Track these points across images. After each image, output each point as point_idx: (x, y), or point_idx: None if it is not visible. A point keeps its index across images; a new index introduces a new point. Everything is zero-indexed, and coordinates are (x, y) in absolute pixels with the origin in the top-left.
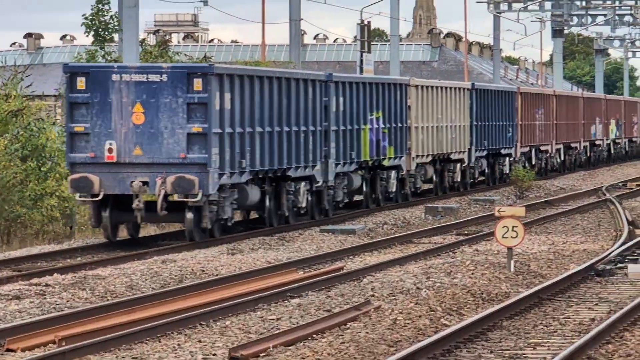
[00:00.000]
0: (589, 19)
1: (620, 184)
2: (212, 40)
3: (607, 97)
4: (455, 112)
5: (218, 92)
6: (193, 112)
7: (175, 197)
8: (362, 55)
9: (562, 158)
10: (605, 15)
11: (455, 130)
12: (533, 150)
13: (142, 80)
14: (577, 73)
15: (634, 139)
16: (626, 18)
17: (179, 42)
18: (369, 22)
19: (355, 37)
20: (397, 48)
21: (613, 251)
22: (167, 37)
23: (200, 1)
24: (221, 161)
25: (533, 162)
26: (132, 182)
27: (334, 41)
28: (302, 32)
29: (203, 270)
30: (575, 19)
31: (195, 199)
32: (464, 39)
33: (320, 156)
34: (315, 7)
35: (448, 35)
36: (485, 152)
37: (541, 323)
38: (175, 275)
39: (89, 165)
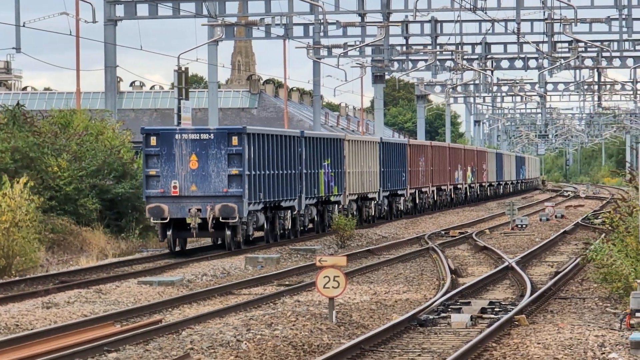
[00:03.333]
0: (410, 65)
1: (442, 232)
2: (25, 87)
3: (465, 147)
4: (371, 160)
5: (247, 146)
6: (232, 159)
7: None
8: (179, 103)
9: (435, 198)
10: (426, 60)
11: (371, 174)
12: (417, 192)
13: (196, 138)
14: (399, 119)
15: (483, 184)
16: (447, 63)
17: None
18: (186, 68)
19: (172, 84)
20: (216, 95)
21: (436, 300)
22: None
23: (13, 48)
24: (249, 194)
25: (416, 201)
26: (189, 209)
27: (151, 88)
28: (118, 79)
29: (17, 325)
30: (396, 65)
31: (234, 221)
32: (283, 86)
33: (297, 191)
34: (132, 53)
35: (267, 81)
36: (388, 193)
37: None
38: None
39: (160, 198)
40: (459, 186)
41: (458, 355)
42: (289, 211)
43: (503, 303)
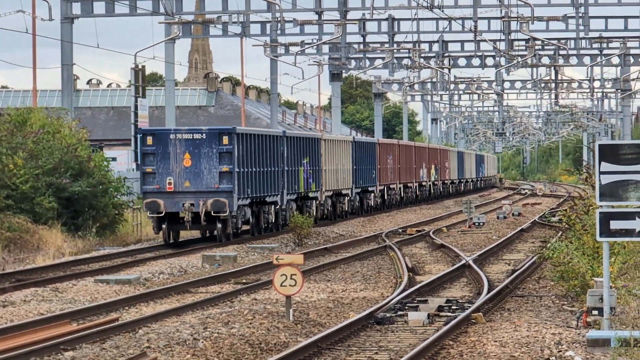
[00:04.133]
0: (367, 63)
1: (400, 230)
2: None
3: (430, 145)
4: (345, 158)
5: (237, 145)
6: (223, 157)
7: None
8: (136, 101)
9: (402, 195)
10: (383, 58)
11: (344, 172)
12: (385, 188)
13: (189, 137)
14: (357, 117)
15: (445, 181)
16: (404, 61)
17: None
18: (143, 66)
19: (130, 82)
20: (173, 93)
21: (393, 299)
22: None
23: None
24: (238, 190)
25: (385, 198)
26: (183, 204)
27: (108, 86)
28: (75, 77)
29: None
30: (353, 63)
31: (225, 214)
32: (240, 84)
33: (280, 187)
34: (88, 51)
35: (225, 79)
36: (360, 189)
37: None
38: None
39: (156, 193)
40: (423, 183)
41: (415, 353)
42: (273, 206)
43: (460, 301)
